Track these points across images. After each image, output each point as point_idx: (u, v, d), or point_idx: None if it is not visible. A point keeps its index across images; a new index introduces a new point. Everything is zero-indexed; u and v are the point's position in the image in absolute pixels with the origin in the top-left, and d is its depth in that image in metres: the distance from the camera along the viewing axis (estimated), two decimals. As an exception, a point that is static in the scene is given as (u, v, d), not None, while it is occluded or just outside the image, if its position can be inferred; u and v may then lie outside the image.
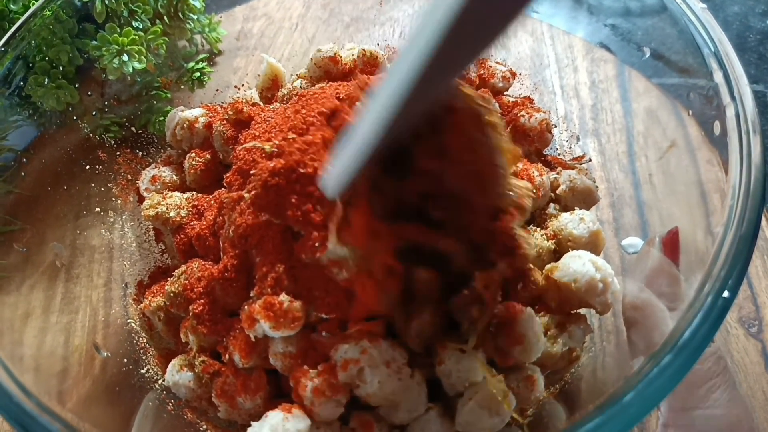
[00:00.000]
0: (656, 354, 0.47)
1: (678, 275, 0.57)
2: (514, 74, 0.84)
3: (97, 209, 0.78)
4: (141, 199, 0.80)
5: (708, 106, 0.60)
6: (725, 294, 0.47)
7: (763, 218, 0.89)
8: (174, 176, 0.81)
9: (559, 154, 0.85)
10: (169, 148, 0.87)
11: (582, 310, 0.62)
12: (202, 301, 0.64)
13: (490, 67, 0.82)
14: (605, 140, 0.87)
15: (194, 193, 0.77)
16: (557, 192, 0.75)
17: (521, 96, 0.84)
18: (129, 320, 0.77)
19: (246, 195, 0.61)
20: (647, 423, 0.69)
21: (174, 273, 0.69)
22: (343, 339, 0.58)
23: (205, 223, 0.71)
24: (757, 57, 1.19)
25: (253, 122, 0.74)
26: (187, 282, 0.66)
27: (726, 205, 0.51)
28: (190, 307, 0.64)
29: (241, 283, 0.63)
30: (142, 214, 0.75)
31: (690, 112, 0.66)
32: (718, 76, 0.57)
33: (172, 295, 0.66)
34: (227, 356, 0.63)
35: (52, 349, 0.74)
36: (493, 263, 0.58)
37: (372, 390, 0.57)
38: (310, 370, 0.59)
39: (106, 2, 0.85)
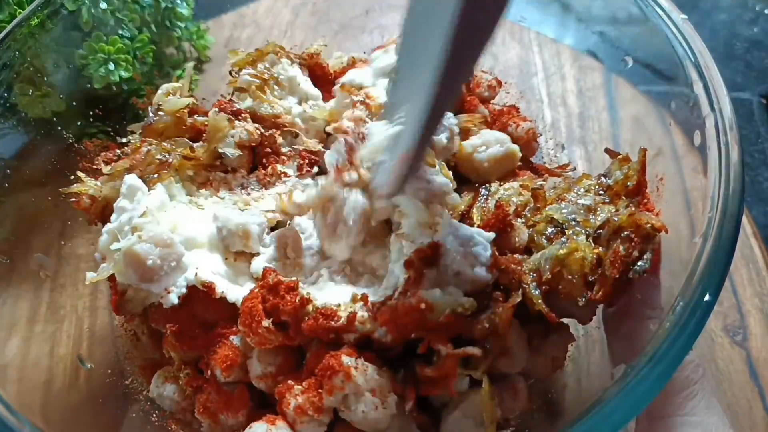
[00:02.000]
0: (638, 361, 0.47)
1: (658, 283, 0.57)
2: (500, 83, 0.85)
3: (80, 218, 0.78)
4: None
5: (690, 116, 0.60)
6: (707, 297, 0.47)
7: (749, 227, 0.89)
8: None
9: (545, 162, 0.85)
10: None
11: (564, 320, 0.62)
12: (180, 316, 0.64)
13: (476, 75, 0.83)
14: (592, 148, 0.87)
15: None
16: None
17: (507, 104, 0.84)
18: (114, 331, 0.77)
19: None
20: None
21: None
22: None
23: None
24: (744, 65, 1.20)
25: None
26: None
27: (705, 215, 0.51)
28: (167, 325, 0.64)
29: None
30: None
31: (674, 120, 0.66)
32: (698, 87, 0.58)
33: (152, 310, 0.66)
34: (209, 372, 0.63)
35: (37, 359, 0.73)
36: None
37: (357, 419, 0.56)
38: (295, 386, 0.58)
39: (93, 11, 0.84)
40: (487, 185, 0.70)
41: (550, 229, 0.60)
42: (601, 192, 0.63)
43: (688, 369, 0.51)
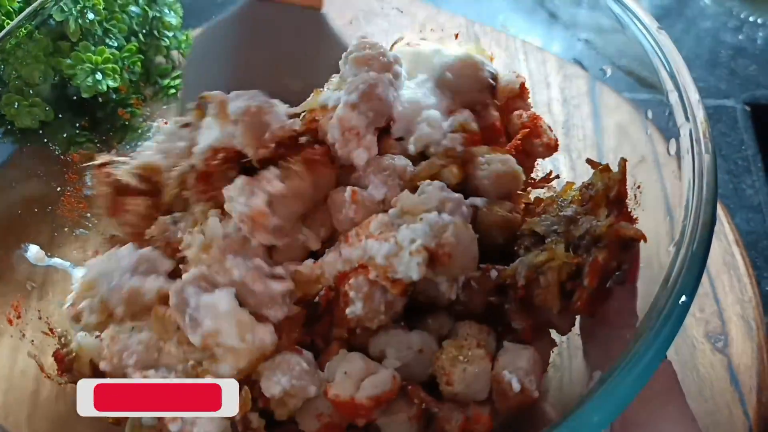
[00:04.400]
0: (613, 367, 0.48)
1: (635, 291, 0.57)
2: (557, 144, 0.83)
3: (66, 228, 0.78)
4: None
5: (667, 124, 0.61)
6: (682, 299, 0.48)
7: (731, 234, 0.90)
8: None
9: (528, 170, 0.85)
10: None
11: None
12: None
13: (540, 126, 0.82)
14: (576, 156, 0.88)
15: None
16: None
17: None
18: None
19: None
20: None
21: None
22: None
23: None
24: (729, 72, 1.21)
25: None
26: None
27: (679, 223, 0.52)
28: None
29: None
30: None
31: (654, 128, 0.67)
32: (674, 97, 0.58)
33: None
34: None
35: (24, 368, 0.73)
36: None
37: None
38: None
39: (80, 21, 0.85)
40: None
41: (529, 240, 0.61)
42: (584, 203, 0.64)
43: (662, 376, 0.52)
